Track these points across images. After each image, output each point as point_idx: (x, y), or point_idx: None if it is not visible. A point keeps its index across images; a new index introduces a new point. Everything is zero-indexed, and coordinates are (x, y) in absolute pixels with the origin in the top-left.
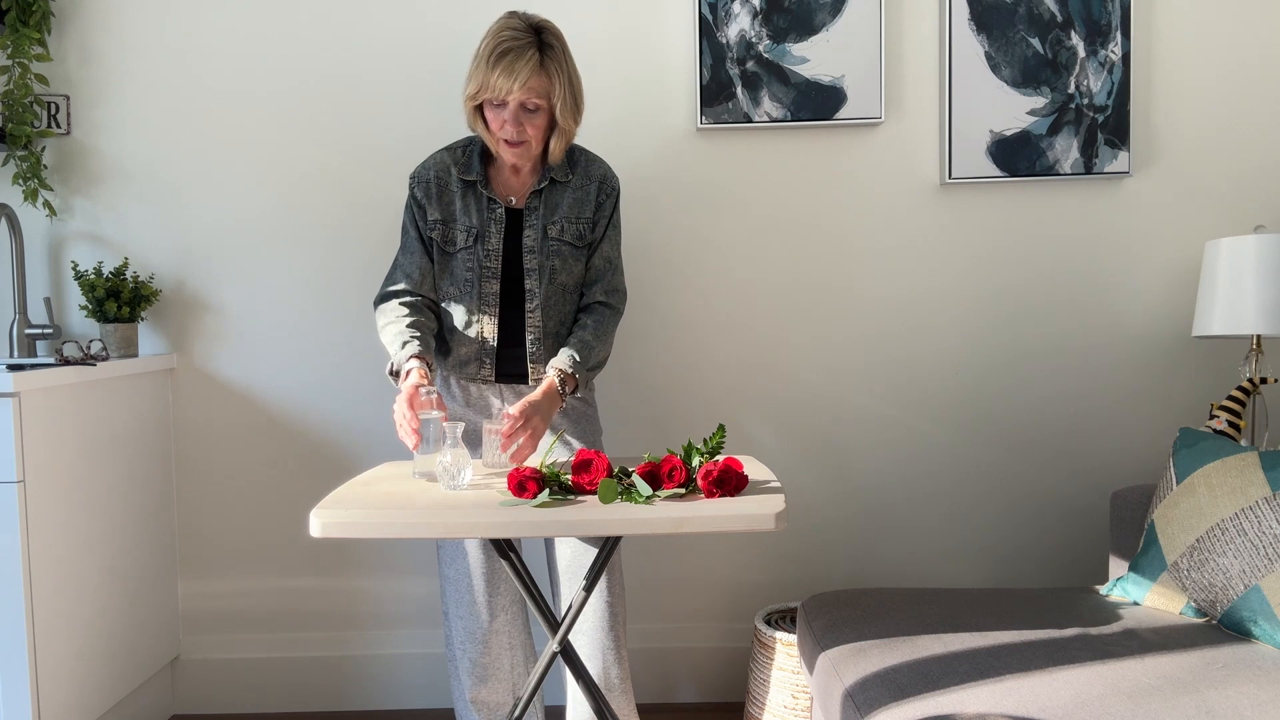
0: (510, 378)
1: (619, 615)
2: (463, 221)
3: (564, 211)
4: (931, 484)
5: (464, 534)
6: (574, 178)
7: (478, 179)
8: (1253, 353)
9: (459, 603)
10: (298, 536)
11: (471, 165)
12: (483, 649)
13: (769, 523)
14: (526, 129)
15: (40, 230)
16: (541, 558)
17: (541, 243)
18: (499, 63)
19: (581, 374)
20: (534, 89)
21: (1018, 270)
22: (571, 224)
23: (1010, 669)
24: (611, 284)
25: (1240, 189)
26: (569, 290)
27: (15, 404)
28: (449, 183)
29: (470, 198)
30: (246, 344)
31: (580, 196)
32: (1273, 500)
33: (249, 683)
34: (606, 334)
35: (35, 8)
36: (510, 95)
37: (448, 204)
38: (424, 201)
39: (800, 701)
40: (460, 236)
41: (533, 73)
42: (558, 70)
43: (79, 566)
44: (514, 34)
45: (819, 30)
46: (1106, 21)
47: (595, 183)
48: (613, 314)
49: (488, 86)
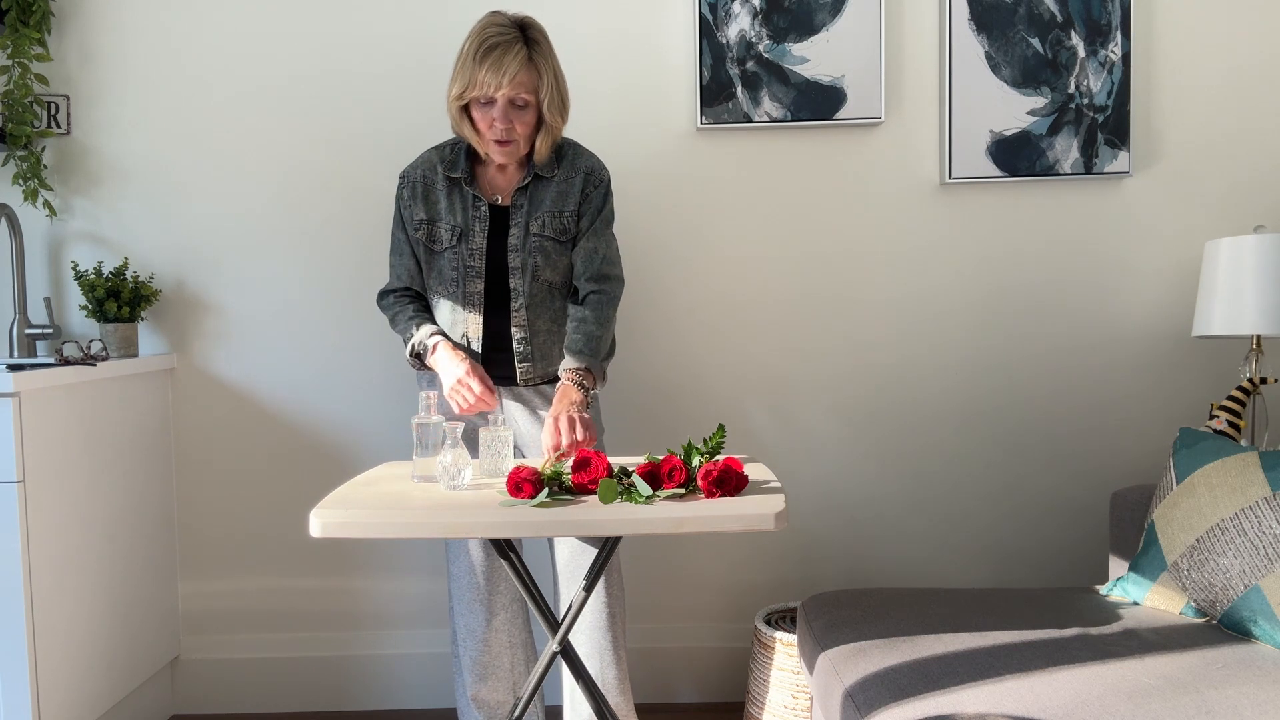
0: (499, 380)
1: (617, 616)
2: (447, 220)
3: (547, 206)
4: (931, 484)
5: (464, 534)
6: (559, 171)
7: (463, 176)
8: (1253, 353)
9: (460, 600)
10: (298, 536)
11: (457, 163)
12: (482, 647)
13: (769, 523)
14: (516, 126)
15: (40, 230)
16: (545, 557)
17: (524, 239)
18: (486, 58)
19: (596, 366)
20: (522, 84)
21: (1017, 270)
22: (554, 218)
23: (1010, 669)
24: (600, 272)
25: (1240, 189)
26: (556, 287)
27: (15, 404)
28: (435, 181)
29: (455, 196)
30: (246, 344)
31: (564, 190)
32: (1273, 500)
33: (249, 683)
34: (607, 320)
35: (35, 8)
36: (499, 91)
37: (434, 203)
38: (410, 201)
39: (800, 701)
40: (445, 235)
41: (521, 67)
42: (545, 66)
43: (79, 566)
44: (500, 30)
45: (819, 30)
46: (1106, 21)
47: (581, 175)
48: (608, 299)
49: (475, 83)
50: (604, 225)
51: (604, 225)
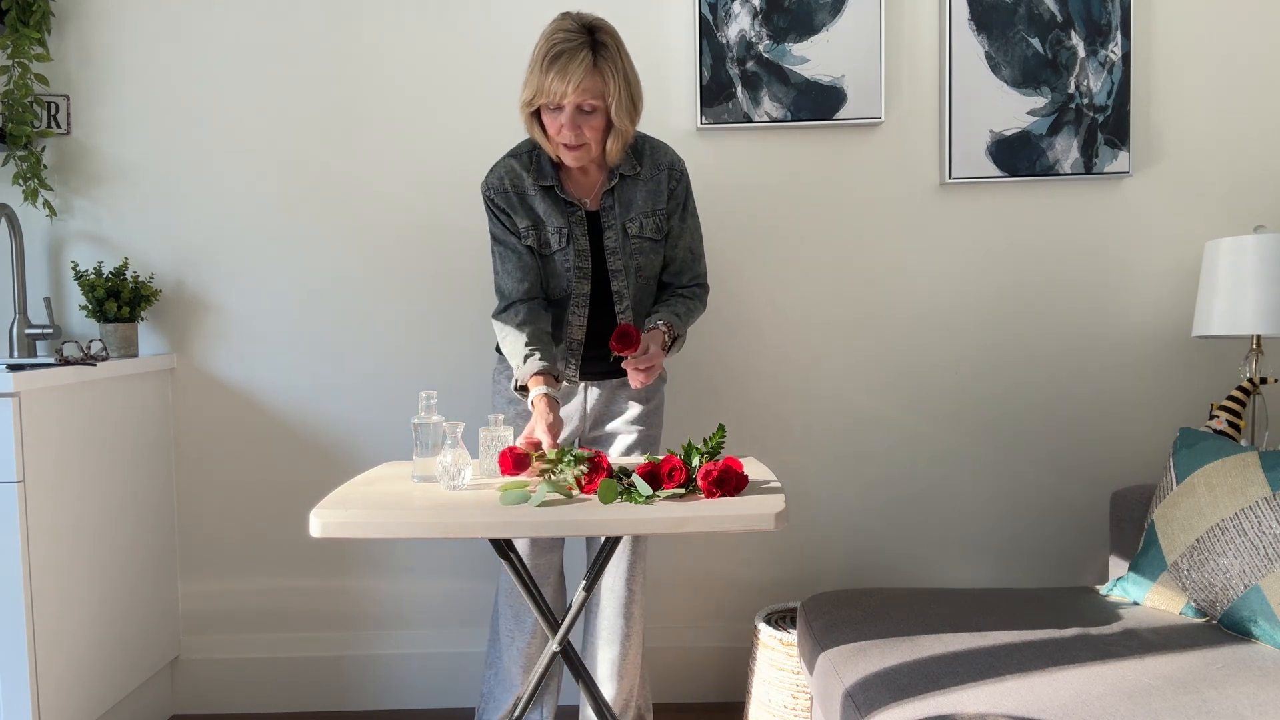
0: (592, 376)
1: (638, 604)
2: (551, 223)
3: (639, 207)
4: (931, 483)
5: (464, 534)
6: (643, 169)
7: (553, 183)
8: (1253, 353)
9: (509, 602)
10: (298, 536)
11: (544, 170)
12: (529, 640)
13: (769, 523)
14: (584, 131)
15: (40, 230)
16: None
17: (623, 242)
18: (552, 66)
19: (682, 332)
20: (588, 90)
21: (1017, 270)
22: (649, 218)
23: (1010, 669)
24: (696, 273)
25: (1240, 189)
26: (652, 281)
27: (15, 404)
28: (524, 189)
29: (549, 201)
30: (246, 344)
31: (653, 189)
32: (1273, 500)
33: (249, 683)
34: (693, 314)
35: (35, 8)
36: (565, 99)
37: (530, 210)
38: (507, 209)
39: (800, 701)
40: (553, 239)
41: (586, 73)
42: (612, 70)
43: (79, 566)
44: (566, 35)
45: (819, 30)
46: (1106, 21)
47: (664, 171)
48: (699, 304)
49: (543, 91)
50: (694, 220)
51: (694, 220)
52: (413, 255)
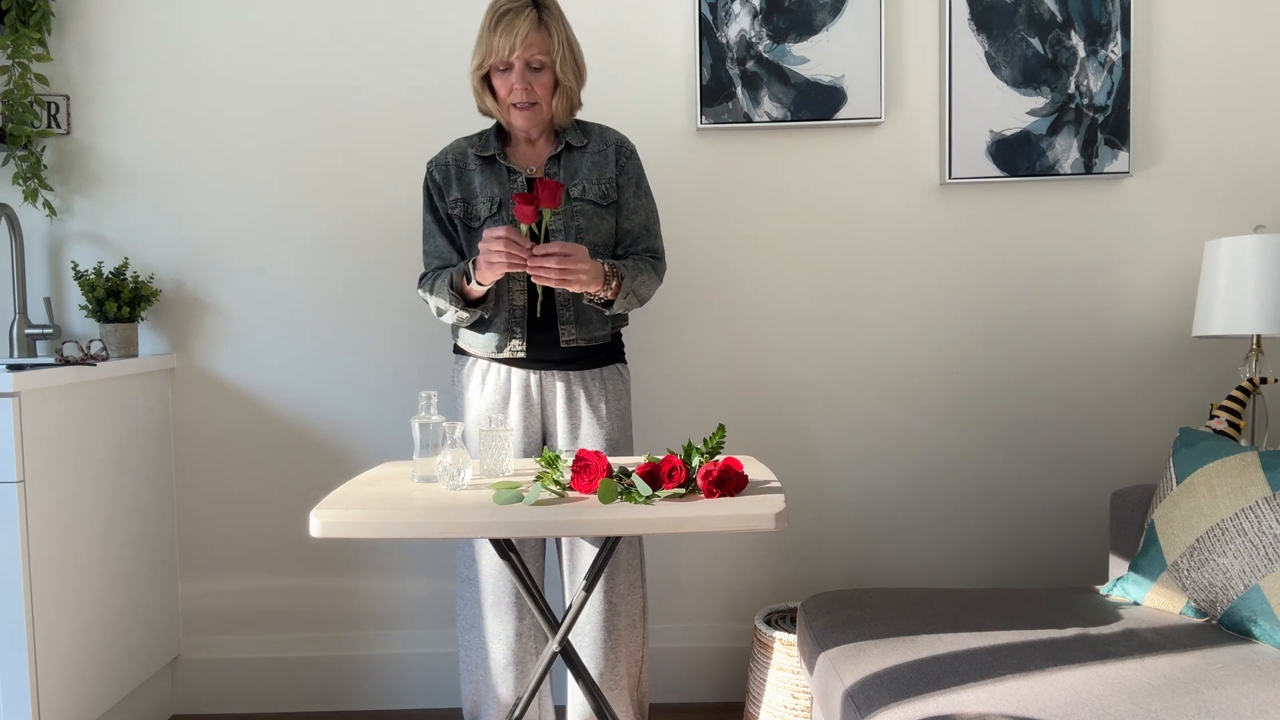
0: (540, 348)
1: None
2: (484, 194)
3: (585, 174)
4: (931, 483)
5: (464, 534)
6: (590, 143)
7: (495, 153)
8: (1253, 353)
9: (485, 604)
10: (298, 536)
11: (489, 143)
12: (511, 648)
13: (769, 523)
14: (535, 88)
15: (40, 230)
16: None
17: (565, 204)
18: (499, 25)
19: (626, 283)
20: (535, 44)
21: (1017, 270)
22: (594, 184)
23: (1010, 669)
24: (651, 246)
25: (1240, 189)
26: (598, 250)
27: (15, 404)
28: (466, 163)
29: (489, 173)
30: (246, 344)
31: (599, 160)
32: (1273, 500)
33: (249, 683)
34: (651, 279)
35: (35, 8)
36: (514, 54)
37: (467, 183)
38: (442, 184)
39: (800, 701)
40: (483, 209)
41: (531, 28)
42: (556, 28)
43: (79, 566)
44: (510, 0)
45: (819, 30)
46: (1106, 21)
47: (612, 146)
48: (650, 270)
49: (492, 50)
50: (646, 196)
51: (646, 196)
52: (413, 255)
